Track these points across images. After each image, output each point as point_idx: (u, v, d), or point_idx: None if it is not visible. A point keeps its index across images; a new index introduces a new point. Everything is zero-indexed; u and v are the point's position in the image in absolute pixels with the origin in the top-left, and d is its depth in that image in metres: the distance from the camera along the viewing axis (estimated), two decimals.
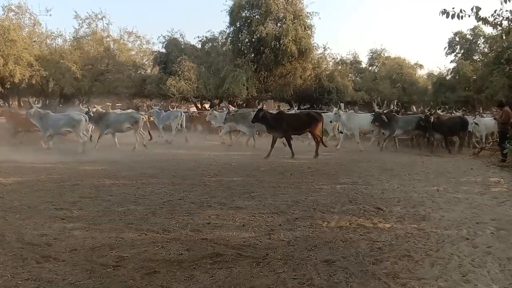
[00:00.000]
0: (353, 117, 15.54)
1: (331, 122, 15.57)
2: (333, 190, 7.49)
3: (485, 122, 16.19)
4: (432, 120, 14.25)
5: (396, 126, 14.72)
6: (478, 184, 8.32)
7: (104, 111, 15.61)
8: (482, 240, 4.66)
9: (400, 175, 9.34)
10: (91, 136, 14.35)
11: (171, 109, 19.62)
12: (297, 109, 20.31)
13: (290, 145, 12.51)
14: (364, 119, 15.66)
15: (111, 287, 3.43)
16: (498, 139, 12.62)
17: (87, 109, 13.99)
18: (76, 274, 3.65)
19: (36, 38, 25.68)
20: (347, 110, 17.61)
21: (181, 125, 17.34)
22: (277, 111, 14.36)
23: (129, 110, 16.72)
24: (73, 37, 27.98)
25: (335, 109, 15.21)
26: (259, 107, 13.08)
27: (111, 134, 13.98)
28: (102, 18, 28.05)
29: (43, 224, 5.13)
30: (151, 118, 18.49)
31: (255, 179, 8.62)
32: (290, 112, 15.87)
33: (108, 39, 28.70)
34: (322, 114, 14.65)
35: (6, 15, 23.61)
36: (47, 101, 25.78)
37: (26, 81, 21.53)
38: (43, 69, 22.02)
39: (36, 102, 13.86)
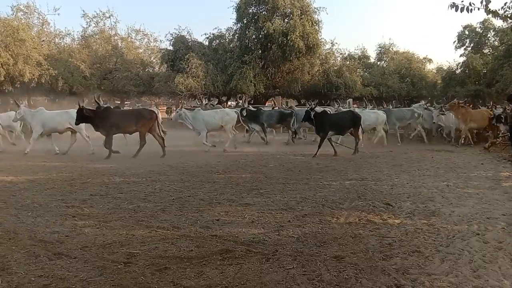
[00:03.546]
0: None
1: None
2: (342, 186, 7.47)
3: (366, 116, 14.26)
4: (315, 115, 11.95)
5: (262, 119, 15.19)
6: (488, 179, 8.24)
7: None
8: (493, 236, 4.63)
9: (409, 171, 9.29)
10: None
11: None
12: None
13: (110, 146, 11.21)
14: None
15: (122, 283, 3.47)
16: (509, 134, 12.45)
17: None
18: (87, 271, 3.69)
19: (44, 38, 25.91)
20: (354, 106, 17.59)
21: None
22: (105, 107, 12.49)
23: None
24: (81, 36, 28.25)
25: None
26: (80, 106, 11.24)
27: None
28: (109, 17, 28.26)
29: (54, 221, 5.19)
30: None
31: (263, 175, 8.63)
32: (123, 109, 14.82)
33: (115, 37, 28.89)
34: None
35: (15, 15, 23.85)
36: (56, 100, 26.05)
37: (36, 80, 21.73)
38: (52, 68, 22.21)
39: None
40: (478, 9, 6.16)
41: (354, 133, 12.37)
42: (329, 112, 13.22)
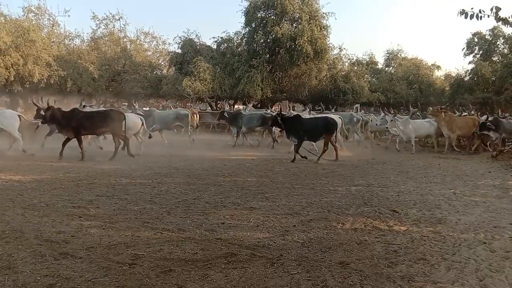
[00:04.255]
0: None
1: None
2: (347, 192, 7.45)
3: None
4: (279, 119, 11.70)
5: (242, 123, 15.46)
6: (496, 188, 8.18)
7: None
8: (500, 245, 4.58)
9: (416, 178, 9.24)
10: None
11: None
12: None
13: (79, 145, 11.14)
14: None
15: (127, 284, 3.48)
16: None
17: None
18: (93, 271, 3.70)
19: (54, 39, 26.18)
20: (362, 111, 17.43)
21: None
22: (71, 109, 11.97)
23: None
24: (90, 37, 28.54)
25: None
26: (48, 105, 11.03)
27: None
28: (119, 19, 28.57)
29: (60, 221, 5.22)
30: None
31: (269, 180, 8.62)
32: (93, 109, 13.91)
33: (125, 39, 29.16)
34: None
35: (26, 16, 24.14)
36: (65, 101, 26.26)
37: (45, 80, 21.94)
38: (61, 69, 22.43)
39: None
40: (488, 16, 6.12)
41: (325, 139, 11.69)
42: (302, 117, 12.53)
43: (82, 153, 11.11)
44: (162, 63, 30.45)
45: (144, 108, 19.58)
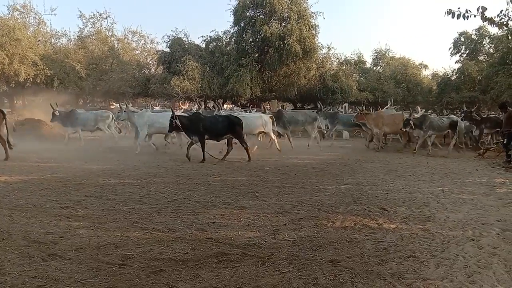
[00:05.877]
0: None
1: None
2: (337, 190, 7.48)
3: None
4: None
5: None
6: (483, 185, 8.28)
7: None
8: (488, 241, 4.64)
9: (404, 176, 9.32)
10: None
11: None
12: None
13: None
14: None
15: (117, 285, 3.45)
16: (505, 140, 12.48)
17: None
18: (82, 272, 3.67)
19: (41, 37, 25.90)
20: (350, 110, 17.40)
21: None
22: None
23: None
24: (77, 36, 28.30)
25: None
26: None
27: None
28: (106, 18, 28.42)
29: (48, 222, 5.16)
30: None
31: (259, 179, 8.62)
32: None
33: (112, 38, 28.98)
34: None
35: (11, 15, 23.86)
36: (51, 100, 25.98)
37: (31, 80, 21.66)
38: (48, 68, 22.17)
39: None
40: (474, 16, 6.19)
41: (228, 140, 11.43)
42: (202, 116, 11.95)
43: None
44: (150, 62, 30.29)
45: None
